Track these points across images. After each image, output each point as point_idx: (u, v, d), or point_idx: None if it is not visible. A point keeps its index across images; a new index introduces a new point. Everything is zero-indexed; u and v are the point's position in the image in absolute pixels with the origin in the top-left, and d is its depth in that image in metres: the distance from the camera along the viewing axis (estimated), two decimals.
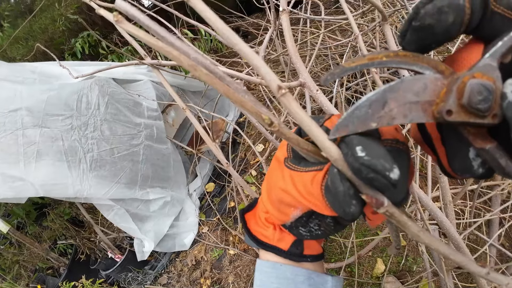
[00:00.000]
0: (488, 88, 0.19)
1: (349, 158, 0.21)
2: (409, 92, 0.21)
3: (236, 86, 0.24)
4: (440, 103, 0.21)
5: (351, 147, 0.21)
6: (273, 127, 0.23)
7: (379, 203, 0.22)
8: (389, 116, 0.21)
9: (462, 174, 0.24)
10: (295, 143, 0.25)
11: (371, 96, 0.21)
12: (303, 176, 0.27)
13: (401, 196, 0.24)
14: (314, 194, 0.26)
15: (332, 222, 0.32)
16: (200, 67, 0.22)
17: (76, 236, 2.24)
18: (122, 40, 3.09)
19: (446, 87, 0.21)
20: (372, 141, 0.22)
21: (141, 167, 1.91)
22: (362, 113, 0.21)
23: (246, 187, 1.03)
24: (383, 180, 0.20)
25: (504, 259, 1.43)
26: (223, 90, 0.23)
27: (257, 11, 3.81)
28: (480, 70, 0.20)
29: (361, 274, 1.65)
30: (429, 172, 1.14)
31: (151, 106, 2.08)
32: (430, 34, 0.22)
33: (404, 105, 0.21)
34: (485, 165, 0.22)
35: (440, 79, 0.21)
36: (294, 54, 0.76)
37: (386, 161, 0.20)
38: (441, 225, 0.85)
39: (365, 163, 0.20)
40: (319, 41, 1.32)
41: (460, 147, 0.23)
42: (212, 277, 2.01)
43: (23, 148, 1.49)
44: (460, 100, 0.20)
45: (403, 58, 0.22)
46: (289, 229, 0.36)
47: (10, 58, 3.31)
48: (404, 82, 0.21)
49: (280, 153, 0.32)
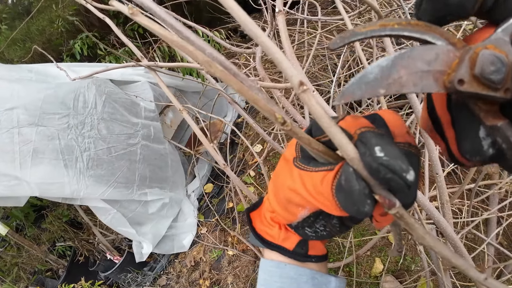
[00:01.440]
0: (501, 60, 0.19)
1: (366, 158, 0.21)
2: (420, 61, 0.21)
3: (250, 84, 0.24)
4: (452, 73, 0.20)
5: (369, 147, 0.21)
6: (285, 126, 0.23)
7: (391, 204, 0.22)
8: (398, 83, 0.21)
9: (471, 156, 0.23)
10: (306, 143, 0.25)
11: (381, 62, 0.21)
12: (313, 175, 0.27)
13: (412, 199, 0.24)
14: (324, 194, 0.26)
15: (337, 224, 0.33)
16: (215, 63, 0.22)
17: (75, 238, 2.24)
18: (120, 41, 3.09)
19: (459, 58, 0.20)
20: (389, 141, 0.22)
21: (138, 167, 1.91)
22: (371, 79, 0.21)
23: (244, 188, 1.02)
24: (400, 181, 0.20)
25: (502, 258, 1.43)
26: (237, 87, 0.23)
27: (255, 12, 3.81)
28: (493, 43, 0.20)
29: (360, 273, 1.65)
30: (426, 172, 1.15)
31: (149, 107, 2.07)
32: (445, 5, 0.21)
33: (416, 73, 0.21)
34: (495, 146, 0.22)
35: (452, 51, 0.21)
36: (290, 54, 0.76)
37: (403, 162, 0.20)
38: (438, 225, 0.85)
39: (384, 163, 0.20)
40: (316, 42, 1.33)
41: (470, 126, 0.23)
42: (211, 278, 2.01)
43: (19, 146, 1.48)
44: (472, 70, 0.20)
45: (415, 27, 0.22)
46: (295, 229, 0.36)
47: (8, 60, 3.31)
48: (415, 50, 0.21)
49: (289, 153, 0.32)
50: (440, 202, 0.98)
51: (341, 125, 0.26)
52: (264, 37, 0.23)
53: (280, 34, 0.75)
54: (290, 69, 0.23)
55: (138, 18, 0.21)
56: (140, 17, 0.21)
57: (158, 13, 0.22)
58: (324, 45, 1.89)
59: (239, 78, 0.24)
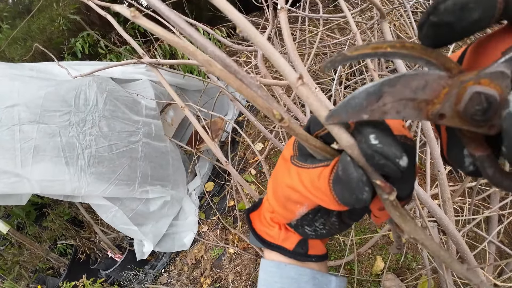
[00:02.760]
0: (490, 100, 0.18)
1: (362, 145, 0.22)
2: (407, 88, 0.20)
3: (250, 81, 0.24)
4: (437, 105, 0.20)
5: (365, 135, 0.22)
6: (283, 122, 0.23)
7: (392, 188, 0.22)
8: (381, 111, 0.21)
9: (454, 165, 0.24)
10: (303, 139, 0.26)
11: (368, 88, 0.21)
12: (310, 172, 0.28)
13: (409, 190, 0.25)
14: (321, 189, 0.27)
15: (336, 221, 0.33)
16: (214, 63, 0.22)
17: (76, 236, 2.24)
18: (121, 39, 3.09)
19: (449, 87, 0.20)
20: (384, 130, 0.23)
21: (139, 164, 1.91)
22: (357, 104, 0.21)
23: (246, 185, 1.03)
24: (393, 166, 0.21)
25: (504, 256, 1.43)
26: (236, 85, 0.23)
27: (256, 10, 3.81)
28: (488, 77, 0.18)
29: (361, 271, 1.65)
30: (427, 170, 1.15)
31: (150, 105, 2.07)
32: (449, 32, 0.20)
33: (400, 101, 0.21)
34: (475, 165, 0.22)
35: (444, 78, 0.20)
36: (293, 52, 0.76)
37: (397, 149, 0.22)
38: (440, 222, 0.85)
39: (378, 150, 0.22)
40: (317, 40, 1.32)
41: (457, 141, 0.23)
42: (212, 276, 2.01)
43: (20, 144, 1.47)
44: (456, 106, 0.19)
45: (410, 51, 0.21)
46: (295, 228, 0.37)
47: (9, 58, 3.31)
48: (403, 77, 0.21)
49: (287, 152, 0.33)
50: (442, 200, 0.98)
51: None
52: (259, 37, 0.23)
53: (282, 32, 0.75)
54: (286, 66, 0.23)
55: (140, 21, 0.22)
56: (142, 20, 0.22)
57: (163, 10, 0.22)
58: (326, 43, 1.88)
59: (240, 75, 0.24)
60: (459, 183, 1.62)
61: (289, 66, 0.23)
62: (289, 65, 0.23)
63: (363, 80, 1.94)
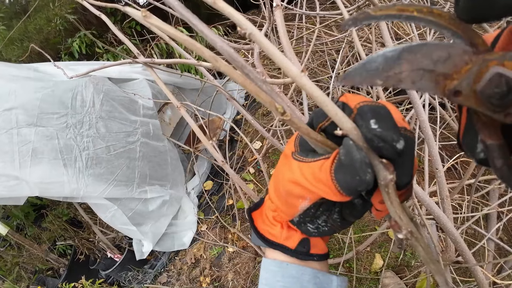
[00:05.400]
0: (511, 84, 0.17)
1: (363, 129, 0.24)
2: (427, 58, 0.19)
3: (255, 76, 0.25)
4: (455, 80, 0.19)
5: (366, 120, 0.24)
6: (285, 116, 0.24)
7: (391, 165, 0.23)
8: (396, 78, 0.20)
9: (466, 151, 0.24)
10: (305, 133, 0.26)
11: (387, 52, 0.20)
12: (311, 165, 0.28)
13: (406, 177, 0.26)
14: (323, 180, 0.27)
15: (338, 219, 0.33)
16: (220, 59, 0.23)
17: (75, 237, 2.24)
18: (118, 39, 3.07)
19: (472, 64, 0.18)
20: (384, 117, 0.24)
21: (138, 164, 1.90)
22: (373, 68, 0.21)
23: (243, 185, 1.02)
24: (391, 149, 0.23)
25: (503, 253, 1.43)
26: (240, 80, 0.24)
27: (253, 8, 3.79)
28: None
29: (360, 269, 1.65)
30: (426, 167, 1.14)
31: (147, 105, 2.07)
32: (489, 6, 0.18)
33: (417, 71, 0.20)
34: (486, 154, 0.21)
35: (468, 53, 0.19)
36: (288, 50, 0.76)
37: (395, 133, 0.23)
38: (438, 220, 0.85)
39: (377, 134, 0.23)
40: (314, 37, 1.32)
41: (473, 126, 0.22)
42: (212, 275, 2.01)
43: (18, 147, 1.48)
44: (475, 85, 0.18)
45: (437, 18, 0.19)
46: (297, 225, 0.37)
47: (5, 59, 3.29)
48: (426, 46, 0.19)
49: (288, 149, 0.33)
50: (440, 197, 0.98)
51: (342, 100, 0.27)
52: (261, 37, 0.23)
53: (278, 29, 0.74)
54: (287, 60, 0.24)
55: (152, 20, 0.23)
56: (153, 19, 0.23)
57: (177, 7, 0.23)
58: (323, 40, 1.87)
59: (247, 70, 0.25)
60: (458, 180, 1.62)
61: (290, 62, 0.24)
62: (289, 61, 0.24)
63: None
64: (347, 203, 0.32)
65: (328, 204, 0.33)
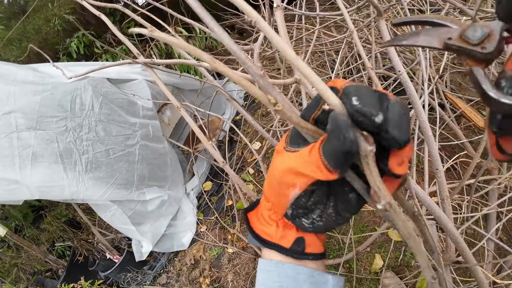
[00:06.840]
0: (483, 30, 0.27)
1: (347, 106, 0.26)
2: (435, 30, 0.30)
3: (254, 71, 0.28)
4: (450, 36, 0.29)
5: (349, 98, 0.26)
6: (277, 106, 0.26)
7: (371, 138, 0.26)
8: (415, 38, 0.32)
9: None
10: (295, 122, 0.29)
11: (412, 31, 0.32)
12: (301, 151, 0.31)
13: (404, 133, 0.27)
14: (312, 161, 0.29)
15: (333, 213, 0.34)
16: (217, 60, 0.25)
17: (74, 238, 2.23)
18: (117, 39, 3.07)
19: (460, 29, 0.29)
20: (365, 94, 0.27)
21: (137, 167, 1.90)
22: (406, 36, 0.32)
23: (243, 185, 1.02)
24: (370, 122, 0.25)
25: (502, 253, 1.43)
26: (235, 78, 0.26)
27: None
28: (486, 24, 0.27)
29: (360, 270, 1.65)
30: (425, 168, 1.14)
31: (146, 105, 2.06)
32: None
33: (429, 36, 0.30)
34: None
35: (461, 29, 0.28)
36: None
37: (374, 108, 0.26)
38: (439, 220, 0.85)
39: (357, 109, 0.26)
40: (314, 38, 1.32)
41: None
42: (211, 276, 2.01)
43: (18, 151, 1.48)
44: (461, 34, 0.28)
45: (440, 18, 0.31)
46: (292, 219, 0.37)
47: (4, 60, 3.28)
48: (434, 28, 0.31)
49: (280, 145, 0.35)
50: (440, 198, 0.98)
51: (329, 85, 0.30)
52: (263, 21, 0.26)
53: (278, 30, 0.74)
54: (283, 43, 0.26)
55: (156, 33, 0.25)
56: (157, 33, 0.25)
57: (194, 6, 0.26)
58: (322, 41, 1.87)
59: (247, 66, 0.27)
60: (458, 180, 1.62)
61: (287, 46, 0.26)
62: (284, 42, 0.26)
63: (360, 78, 1.93)
64: (342, 198, 0.32)
65: (319, 194, 0.33)
